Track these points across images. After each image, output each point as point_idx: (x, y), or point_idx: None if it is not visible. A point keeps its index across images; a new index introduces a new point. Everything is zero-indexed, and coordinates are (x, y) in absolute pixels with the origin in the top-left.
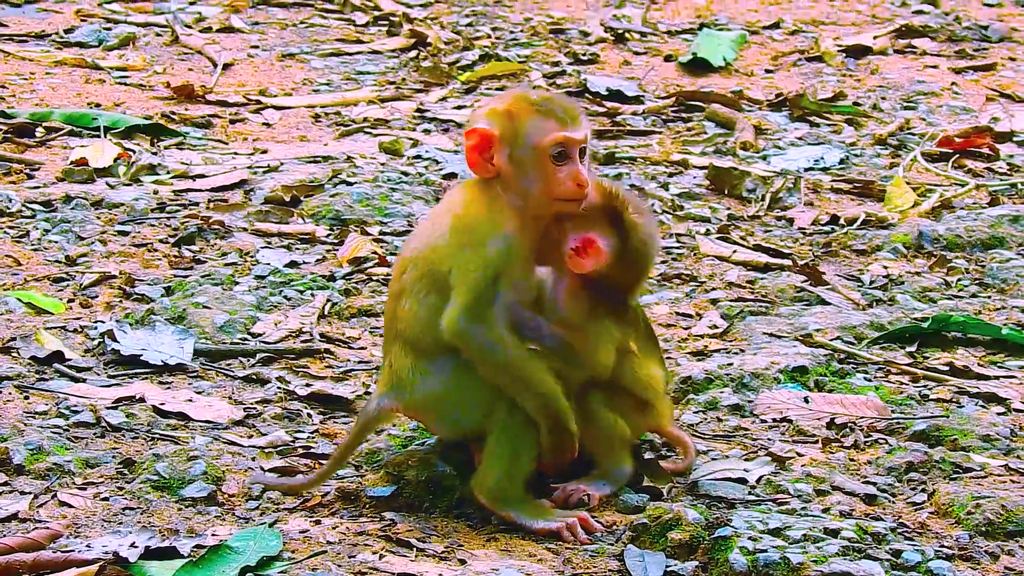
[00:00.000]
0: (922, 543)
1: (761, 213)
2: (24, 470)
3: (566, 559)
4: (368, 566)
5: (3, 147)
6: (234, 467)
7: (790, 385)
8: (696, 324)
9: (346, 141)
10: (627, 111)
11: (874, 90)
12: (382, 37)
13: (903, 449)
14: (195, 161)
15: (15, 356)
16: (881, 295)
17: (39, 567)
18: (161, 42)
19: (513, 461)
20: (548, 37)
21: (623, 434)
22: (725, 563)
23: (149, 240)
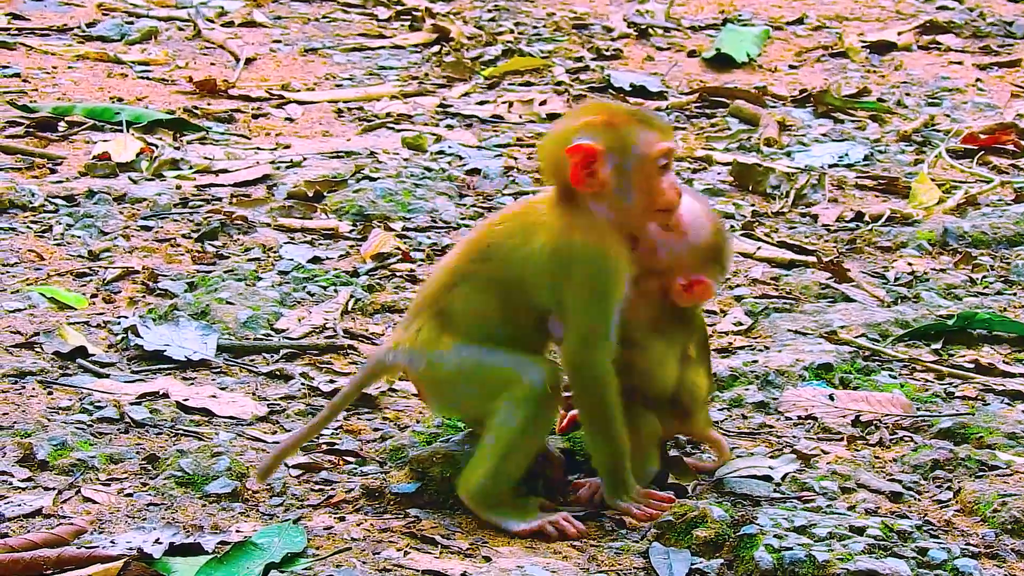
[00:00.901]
0: (948, 541)
1: (785, 210)
2: (48, 466)
3: (591, 556)
4: (392, 563)
5: (25, 141)
6: (258, 463)
7: (815, 382)
8: (721, 321)
9: (369, 136)
10: (651, 107)
11: (898, 86)
12: (404, 32)
13: (928, 447)
14: (218, 156)
15: (38, 351)
16: (906, 292)
17: (63, 563)
18: (183, 36)
19: (501, 464)
20: (571, 32)
21: (655, 432)
22: (750, 561)
23: (172, 235)
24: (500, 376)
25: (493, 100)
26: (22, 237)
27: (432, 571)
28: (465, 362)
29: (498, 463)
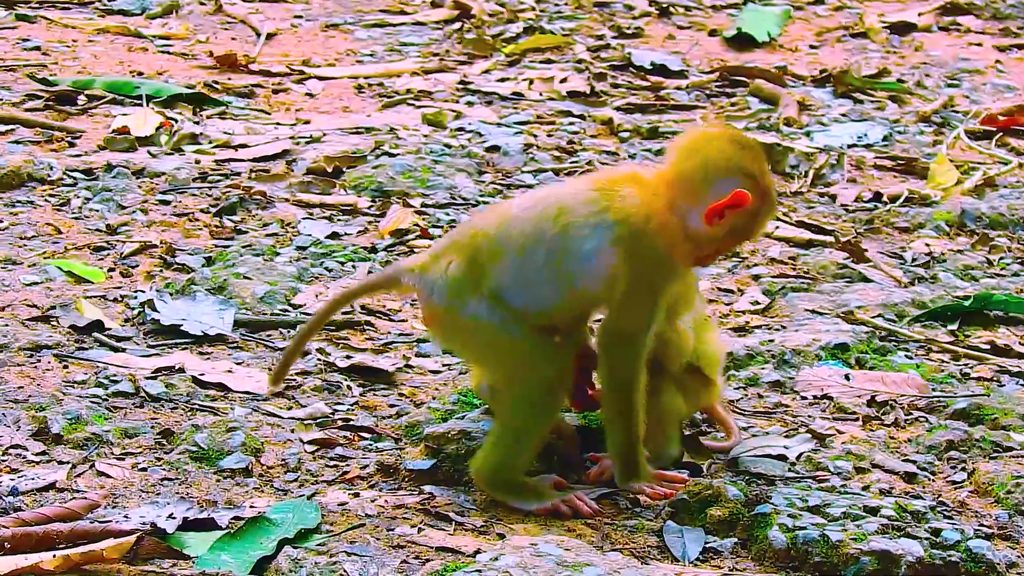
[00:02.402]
0: (961, 522)
1: (804, 189)
2: (62, 439)
3: (605, 535)
4: (406, 539)
5: (45, 115)
6: (273, 439)
7: (831, 362)
8: (738, 300)
9: (389, 112)
10: (671, 85)
11: (918, 67)
12: (426, 8)
13: (943, 427)
14: (237, 131)
15: (54, 325)
16: (923, 273)
17: (76, 537)
18: (204, 11)
19: (515, 451)
20: (592, 10)
21: (679, 413)
22: (764, 540)
23: (190, 210)
24: (513, 354)
25: (514, 77)
26: (40, 211)
27: (446, 548)
28: (484, 322)
29: (509, 449)
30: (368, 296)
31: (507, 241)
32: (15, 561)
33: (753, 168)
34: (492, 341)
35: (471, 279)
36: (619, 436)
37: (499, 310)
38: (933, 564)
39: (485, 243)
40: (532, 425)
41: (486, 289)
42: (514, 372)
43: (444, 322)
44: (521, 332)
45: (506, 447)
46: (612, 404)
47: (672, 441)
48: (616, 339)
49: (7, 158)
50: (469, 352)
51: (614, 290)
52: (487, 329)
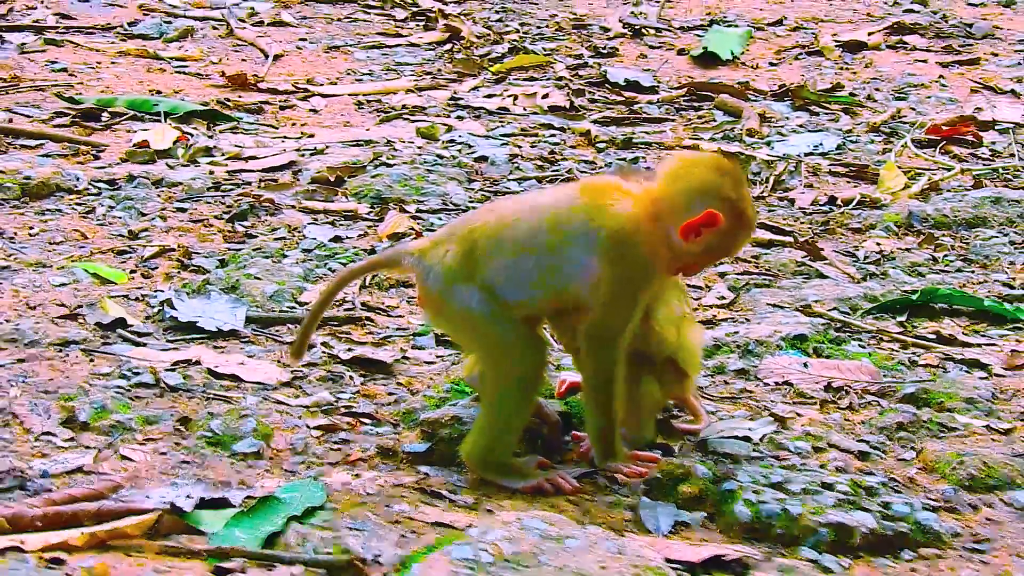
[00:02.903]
0: (910, 496)
1: (765, 194)
2: (89, 427)
3: (585, 510)
4: (404, 515)
5: (71, 130)
6: (282, 425)
7: (791, 351)
8: (705, 295)
9: (386, 126)
10: (643, 100)
11: (868, 82)
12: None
13: (894, 410)
14: (247, 144)
15: (81, 322)
16: (874, 269)
17: (102, 516)
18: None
19: (502, 433)
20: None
21: (657, 403)
22: (731, 514)
23: (205, 216)
24: (497, 342)
25: (500, 94)
26: (68, 218)
27: (440, 523)
28: (474, 311)
29: (495, 433)
30: (371, 273)
31: (503, 241)
32: (46, 538)
33: (730, 192)
34: (479, 328)
35: (465, 269)
36: (598, 422)
37: (488, 301)
38: (884, 535)
39: (483, 239)
40: (513, 410)
41: (479, 281)
42: (498, 359)
43: (437, 305)
44: (506, 323)
45: (492, 430)
46: (592, 394)
47: (647, 427)
48: (598, 338)
49: (37, 170)
50: (458, 336)
51: (598, 292)
52: (475, 317)
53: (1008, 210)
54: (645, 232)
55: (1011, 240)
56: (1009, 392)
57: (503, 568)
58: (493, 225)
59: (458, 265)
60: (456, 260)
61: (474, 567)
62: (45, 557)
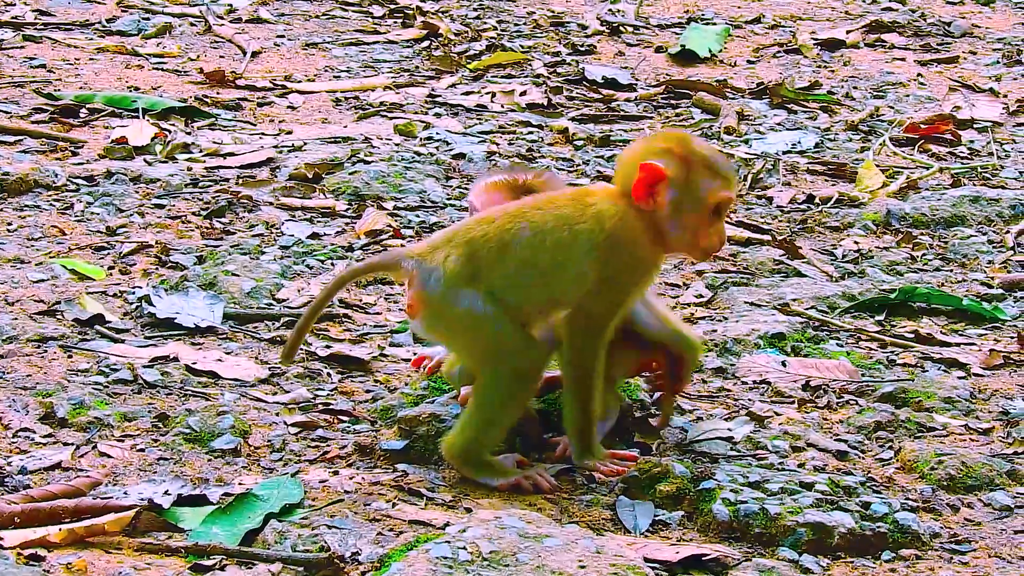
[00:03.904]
0: (889, 496)
1: (743, 192)
2: (67, 423)
3: (563, 508)
4: (382, 513)
5: (50, 127)
6: (259, 422)
7: (769, 350)
8: (683, 293)
9: (364, 123)
10: (621, 98)
11: (847, 80)
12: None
13: (872, 410)
14: (226, 141)
15: (60, 318)
16: (852, 268)
17: (80, 512)
18: (195, 31)
19: (486, 430)
20: (549, 29)
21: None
22: (709, 513)
23: (183, 213)
24: (501, 346)
25: (477, 91)
26: (46, 214)
27: (418, 521)
28: (476, 314)
29: (480, 429)
30: (369, 276)
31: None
32: (25, 534)
33: (670, 146)
34: (479, 332)
35: (468, 274)
36: (576, 417)
37: (490, 305)
38: (863, 534)
39: (485, 247)
40: (505, 410)
41: (483, 285)
42: (496, 361)
43: (435, 310)
44: (507, 324)
45: (478, 428)
46: (572, 387)
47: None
48: (583, 328)
49: (16, 166)
50: (453, 340)
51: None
52: (478, 320)
53: (986, 209)
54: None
55: (989, 239)
56: (987, 392)
57: (481, 567)
58: (494, 233)
59: (461, 269)
60: (459, 264)
61: (452, 565)
62: (24, 553)
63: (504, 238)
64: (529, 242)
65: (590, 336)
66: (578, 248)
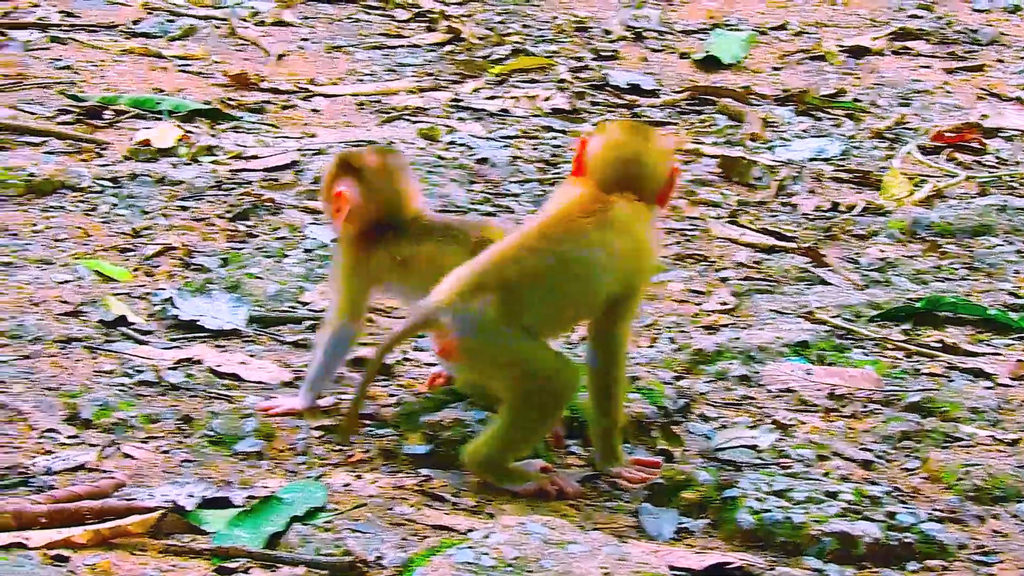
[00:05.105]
0: (915, 506)
1: (768, 199)
2: (91, 424)
3: (587, 515)
4: (405, 518)
5: (75, 128)
6: (283, 425)
7: (794, 358)
8: (707, 301)
9: (387, 127)
10: (645, 104)
11: (872, 88)
12: (421, 32)
13: (898, 419)
14: (250, 143)
15: (84, 319)
16: (878, 276)
17: (104, 513)
18: (219, 34)
19: (512, 446)
20: (573, 35)
21: None
22: (733, 522)
23: (207, 215)
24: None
25: (501, 95)
26: (71, 215)
27: (441, 526)
28: (515, 349)
29: (510, 443)
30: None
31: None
32: (49, 535)
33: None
34: (517, 364)
35: (507, 313)
36: (601, 423)
37: (527, 337)
38: (889, 545)
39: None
40: (539, 429)
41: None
42: (533, 387)
43: (475, 354)
44: (543, 352)
45: (507, 443)
46: (597, 393)
47: None
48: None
49: (41, 167)
50: (491, 376)
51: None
52: (515, 354)
53: (1014, 218)
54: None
55: (1017, 249)
56: (1015, 402)
57: (505, 572)
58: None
59: (498, 312)
60: (496, 308)
61: (476, 571)
62: (49, 554)
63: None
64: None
65: (617, 342)
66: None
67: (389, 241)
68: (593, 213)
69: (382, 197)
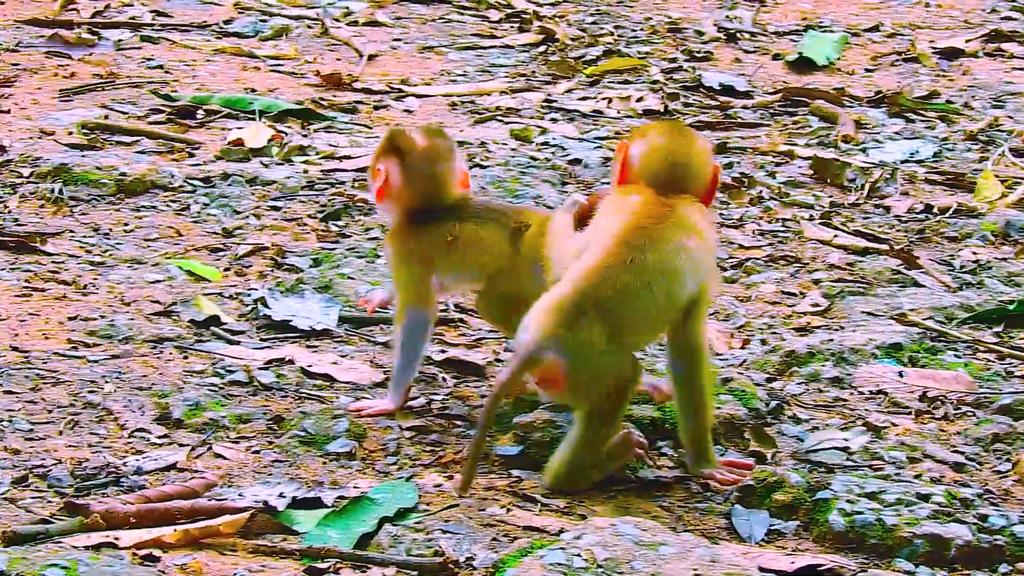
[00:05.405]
0: (1007, 508)
1: (861, 201)
2: (183, 424)
3: (678, 517)
4: (496, 519)
5: (167, 128)
6: (375, 425)
7: (886, 360)
8: (800, 302)
9: (480, 128)
10: (738, 105)
11: (965, 89)
12: (514, 33)
13: (989, 421)
14: (342, 143)
15: (176, 319)
16: (970, 279)
17: (195, 513)
18: (312, 34)
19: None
20: (666, 36)
21: None
22: (825, 523)
23: (299, 215)
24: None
25: (594, 96)
26: (163, 215)
27: (532, 527)
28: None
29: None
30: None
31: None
32: (139, 535)
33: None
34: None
35: (611, 335)
36: (691, 428)
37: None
38: (980, 547)
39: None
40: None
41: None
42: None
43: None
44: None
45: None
46: (688, 396)
47: None
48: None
49: (133, 167)
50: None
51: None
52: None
53: None
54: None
55: None
56: None
57: (596, 574)
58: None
59: (603, 335)
60: (600, 332)
61: (567, 572)
62: (139, 554)
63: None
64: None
65: (695, 346)
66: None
67: (435, 223)
68: (664, 218)
69: (424, 179)
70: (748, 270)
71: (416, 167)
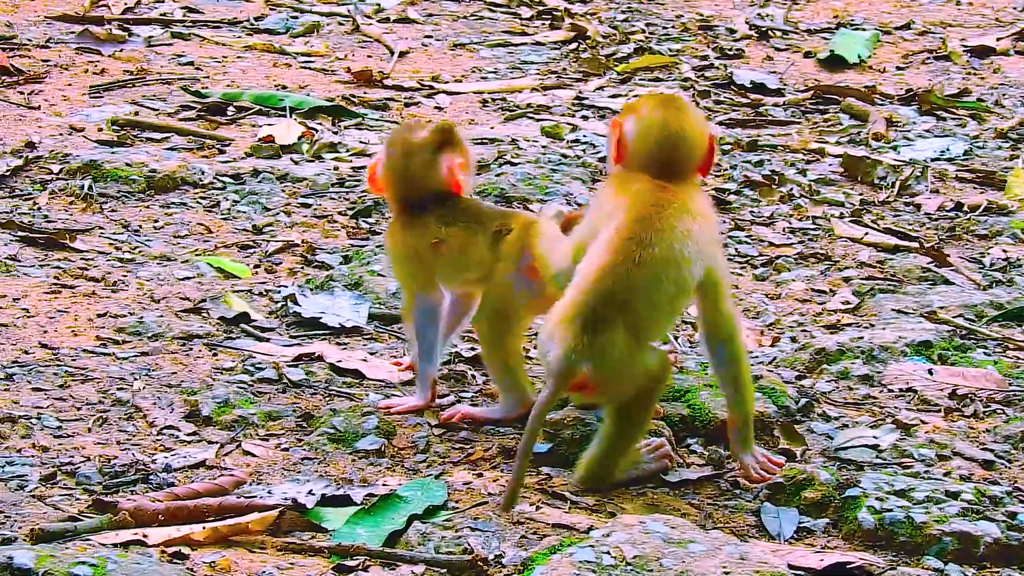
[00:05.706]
0: None
1: (891, 199)
2: (212, 421)
3: (708, 514)
4: (525, 516)
5: (197, 124)
6: (404, 423)
7: (916, 358)
8: (830, 300)
9: (511, 125)
10: (769, 102)
11: (996, 88)
12: (545, 30)
13: (1019, 419)
14: (373, 141)
15: (205, 316)
16: (1001, 277)
17: (224, 511)
18: (343, 30)
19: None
20: (697, 33)
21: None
22: (854, 521)
23: (329, 212)
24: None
25: (625, 94)
26: (192, 211)
27: (561, 524)
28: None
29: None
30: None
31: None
32: (168, 532)
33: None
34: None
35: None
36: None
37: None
38: (1009, 545)
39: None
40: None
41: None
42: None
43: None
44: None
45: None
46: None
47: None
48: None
49: (163, 163)
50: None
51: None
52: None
53: None
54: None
55: None
56: None
57: (625, 571)
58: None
59: (623, 338)
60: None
61: (596, 570)
62: (167, 551)
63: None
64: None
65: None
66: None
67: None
68: (666, 204)
69: (400, 170)
70: (778, 268)
71: (394, 158)
